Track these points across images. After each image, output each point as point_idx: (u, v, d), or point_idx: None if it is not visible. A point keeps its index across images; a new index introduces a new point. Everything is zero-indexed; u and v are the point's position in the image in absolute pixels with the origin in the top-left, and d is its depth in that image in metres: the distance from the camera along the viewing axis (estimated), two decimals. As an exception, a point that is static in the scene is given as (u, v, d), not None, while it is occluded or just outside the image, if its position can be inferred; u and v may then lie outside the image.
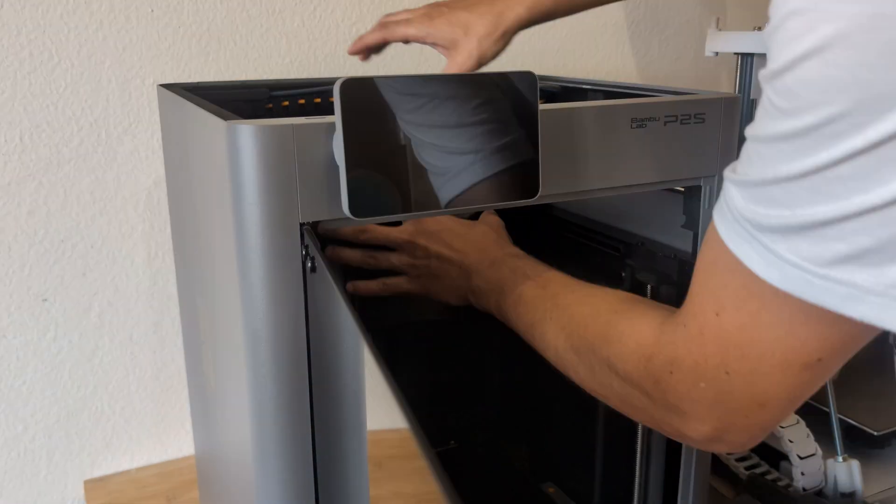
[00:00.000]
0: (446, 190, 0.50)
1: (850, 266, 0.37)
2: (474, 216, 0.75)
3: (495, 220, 0.74)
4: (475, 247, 0.69)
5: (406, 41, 0.73)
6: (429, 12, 0.72)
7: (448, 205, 0.50)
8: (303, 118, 0.47)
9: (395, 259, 0.71)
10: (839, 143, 0.35)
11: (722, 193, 0.44)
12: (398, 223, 0.70)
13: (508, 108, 0.51)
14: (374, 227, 0.70)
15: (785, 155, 0.38)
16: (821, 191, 0.37)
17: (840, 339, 0.42)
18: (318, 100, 0.79)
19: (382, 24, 0.74)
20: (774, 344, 0.43)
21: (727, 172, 0.43)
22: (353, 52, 0.76)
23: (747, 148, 0.41)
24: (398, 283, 0.72)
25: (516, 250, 0.69)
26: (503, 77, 0.50)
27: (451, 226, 0.71)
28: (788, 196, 0.38)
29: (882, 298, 0.37)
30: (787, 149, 0.38)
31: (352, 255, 0.71)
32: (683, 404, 0.48)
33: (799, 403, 0.47)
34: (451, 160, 0.50)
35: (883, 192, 0.35)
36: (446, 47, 0.71)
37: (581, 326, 0.56)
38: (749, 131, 0.41)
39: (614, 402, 0.55)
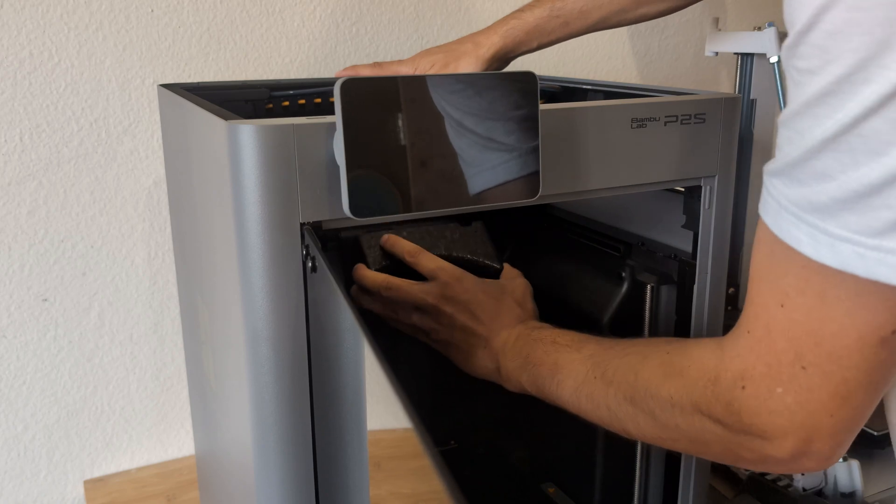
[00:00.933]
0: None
1: None
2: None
3: (521, 290, 0.69)
4: (501, 322, 0.66)
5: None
6: (420, 53, 0.78)
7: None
8: (303, 118, 0.47)
9: (416, 319, 0.68)
10: (866, 88, 0.35)
11: (763, 191, 0.43)
12: (423, 280, 0.68)
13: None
14: (399, 285, 0.67)
15: (820, 118, 0.38)
16: (859, 149, 0.36)
17: None
18: (319, 100, 0.79)
19: (377, 63, 0.79)
20: (846, 319, 0.41)
21: (766, 168, 0.43)
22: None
23: (782, 133, 0.41)
24: (422, 336, 0.70)
25: (539, 322, 0.67)
26: (503, 77, 0.50)
27: (479, 296, 0.67)
28: (830, 163, 0.38)
29: None
30: (820, 111, 0.38)
31: (373, 303, 0.69)
32: (761, 420, 0.45)
33: (881, 392, 0.44)
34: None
35: None
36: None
37: (631, 375, 0.53)
38: (782, 117, 0.41)
39: (683, 445, 0.52)
